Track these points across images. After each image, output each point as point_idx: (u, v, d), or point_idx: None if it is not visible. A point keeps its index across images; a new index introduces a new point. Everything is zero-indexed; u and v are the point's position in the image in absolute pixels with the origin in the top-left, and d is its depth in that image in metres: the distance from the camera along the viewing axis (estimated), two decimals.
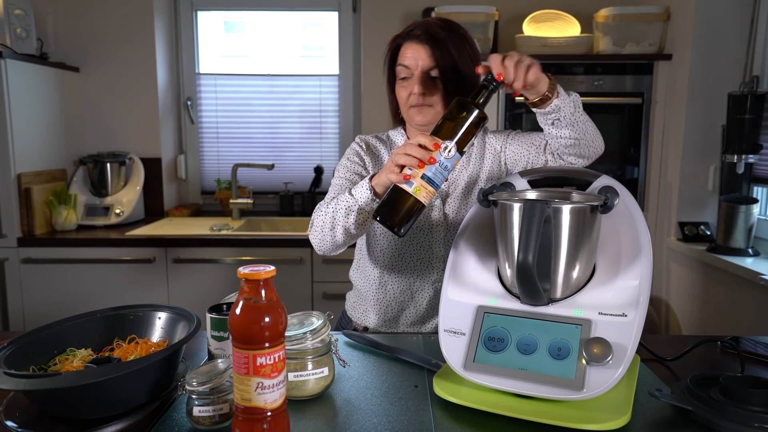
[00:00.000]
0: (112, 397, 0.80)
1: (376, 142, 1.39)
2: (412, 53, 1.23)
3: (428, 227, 1.30)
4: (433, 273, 1.31)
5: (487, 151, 1.35)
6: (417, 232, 1.30)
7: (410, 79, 1.24)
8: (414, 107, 1.25)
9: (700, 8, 2.13)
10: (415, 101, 1.24)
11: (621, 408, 0.80)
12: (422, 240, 1.30)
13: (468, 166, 1.33)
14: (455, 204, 1.30)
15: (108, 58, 2.75)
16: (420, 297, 1.32)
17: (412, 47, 1.24)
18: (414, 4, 2.72)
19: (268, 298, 0.71)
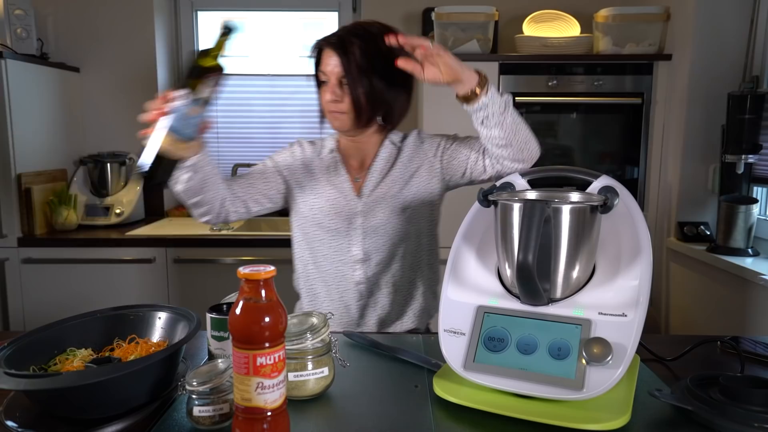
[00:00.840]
0: (113, 397, 0.80)
1: (310, 147, 1.43)
2: (326, 60, 1.26)
3: (346, 230, 1.32)
4: (355, 274, 1.33)
5: (418, 157, 1.36)
6: (335, 235, 1.32)
7: (327, 85, 1.27)
8: (330, 113, 1.29)
9: (700, 8, 2.13)
10: (330, 108, 1.28)
11: (621, 408, 0.80)
12: (341, 243, 1.32)
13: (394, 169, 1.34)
14: (373, 206, 1.32)
15: (108, 58, 2.75)
16: (348, 298, 1.34)
17: (327, 53, 1.26)
18: (414, 4, 2.73)
19: (268, 298, 0.71)
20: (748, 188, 2.02)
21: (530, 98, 2.34)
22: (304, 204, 1.37)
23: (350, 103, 1.26)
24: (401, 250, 1.34)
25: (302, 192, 1.38)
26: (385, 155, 1.36)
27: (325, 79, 1.27)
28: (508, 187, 1.00)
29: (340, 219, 1.32)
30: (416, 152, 1.37)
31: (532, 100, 2.34)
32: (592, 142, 2.40)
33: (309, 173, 1.39)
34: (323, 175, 1.37)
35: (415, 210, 1.34)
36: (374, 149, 1.38)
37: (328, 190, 1.35)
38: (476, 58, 2.34)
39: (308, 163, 1.40)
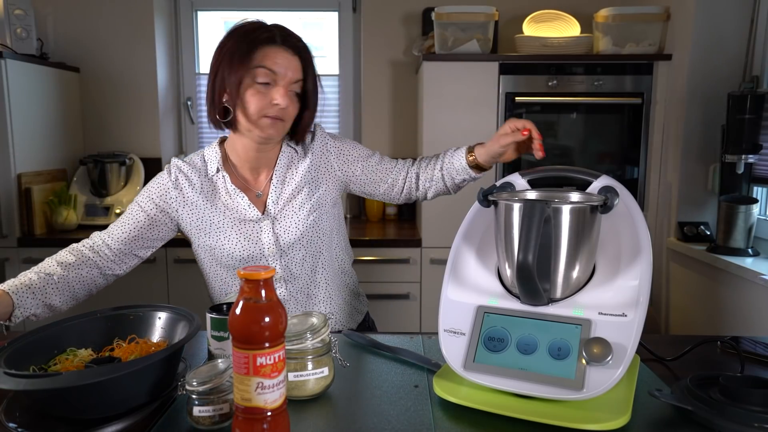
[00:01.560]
0: (113, 397, 0.80)
1: (191, 171, 1.27)
2: (283, 61, 1.14)
3: (260, 253, 1.25)
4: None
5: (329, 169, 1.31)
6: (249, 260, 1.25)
7: (272, 86, 1.15)
8: (269, 118, 1.16)
9: (700, 8, 2.13)
10: (275, 113, 1.15)
11: (621, 408, 0.80)
12: (256, 262, 1.25)
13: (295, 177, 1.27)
14: (283, 219, 1.25)
15: (108, 58, 2.75)
16: None
17: (283, 55, 1.15)
18: (414, 4, 2.73)
19: (268, 298, 0.71)
20: (748, 188, 2.02)
21: (530, 98, 2.34)
22: (207, 238, 1.25)
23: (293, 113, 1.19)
24: (322, 257, 1.30)
25: (201, 228, 1.25)
26: (285, 161, 1.28)
27: (270, 80, 1.14)
28: (508, 187, 1.00)
29: (251, 244, 1.24)
30: (323, 163, 1.31)
31: (532, 100, 2.34)
32: (592, 142, 2.40)
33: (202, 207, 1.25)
34: (219, 201, 1.25)
35: (324, 212, 1.30)
36: (275, 157, 1.28)
37: (230, 216, 1.24)
38: (476, 58, 2.34)
39: (197, 191, 1.25)
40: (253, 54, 1.13)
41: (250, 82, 1.14)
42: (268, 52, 1.14)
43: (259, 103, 1.15)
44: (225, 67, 1.15)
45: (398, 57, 2.78)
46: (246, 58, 1.13)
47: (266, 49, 1.14)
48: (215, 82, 1.18)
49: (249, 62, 1.13)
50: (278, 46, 1.15)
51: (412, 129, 2.78)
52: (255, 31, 1.16)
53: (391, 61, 2.78)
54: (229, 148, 1.29)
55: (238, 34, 1.17)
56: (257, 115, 1.16)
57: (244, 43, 1.14)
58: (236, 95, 1.15)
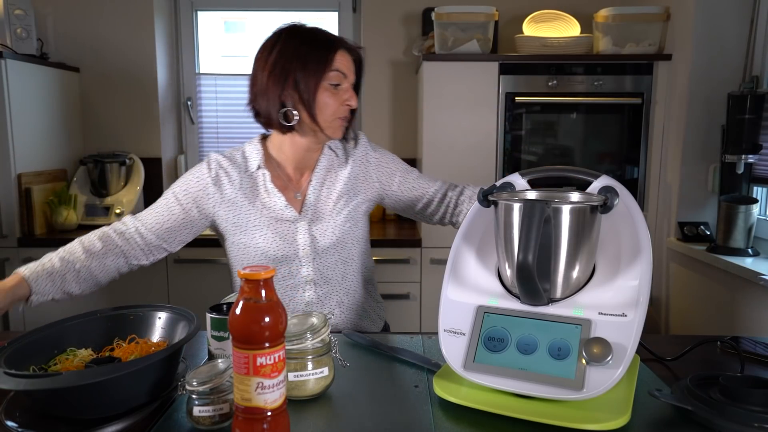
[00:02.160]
0: (113, 397, 0.80)
1: (229, 165, 1.26)
2: (348, 63, 1.19)
3: (294, 253, 1.25)
4: (305, 295, 1.27)
5: (368, 180, 1.32)
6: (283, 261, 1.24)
7: (342, 87, 1.19)
8: (341, 120, 1.21)
9: (700, 8, 2.13)
10: (345, 113, 1.20)
11: (621, 408, 0.80)
12: (290, 266, 1.25)
13: (336, 184, 1.29)
14: (321, 226, 1.26)
15: (108, 58, 2.75)
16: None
17: (347, 58, 1.20)
18: (414, 4, 2.73)
19: (268, 298, 0.71)
20: (748, 188, 2.02)
21: (530, 98, 2.34)
22: (243, 236, 1.25)
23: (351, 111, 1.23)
24: (353, 264, 1.30)
25: (238, 226, 1.25)
26: (325, 164, 1.30)
27: (340, 81, 1.18)
28: (508, 187, 1.00)
29: (286, 244, 1.24)
30: (362, 173, 1.32)
31: (532, 100, 2.34)
32: (592, 142, 2.40)
33: (240, 204, 1.25)
34: (257, 199, 1.25)
35: (358, 221, 1.31)
36: (315, 160, 1.30)
37: (267, 215, 1.24)
38: (476, 58, 2.34)
39: (236, 188, 1.25)
40: (328, 57, 1.16)
41: (324, 85, 1.17)
42: (339, 56, 1.18)
43: (334, 104, 1.18)
44: (297, 70, 1.16)
45: (398, 57, 2.78)
46: (323, 62, 1.16)
47: (338, 52, 1.18)
48: (284, 84, 1.17)
49: (326, 66, 1.16)
50: (344, 49, 1.20)
51: (412, 129, 2.78)
52: (321, 34, 1.19)
53: (391, 61, 2.78)
54: (272, 147, 1.29)
55: (303, 37, 1.18)
56: (331, 117, 1.19)
57: (319, 46, 1.17)
58: (311, 97, 1.16)
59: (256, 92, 1.21)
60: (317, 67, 1.16)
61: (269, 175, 1.26)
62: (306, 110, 1.18)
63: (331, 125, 1.20)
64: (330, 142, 1.30)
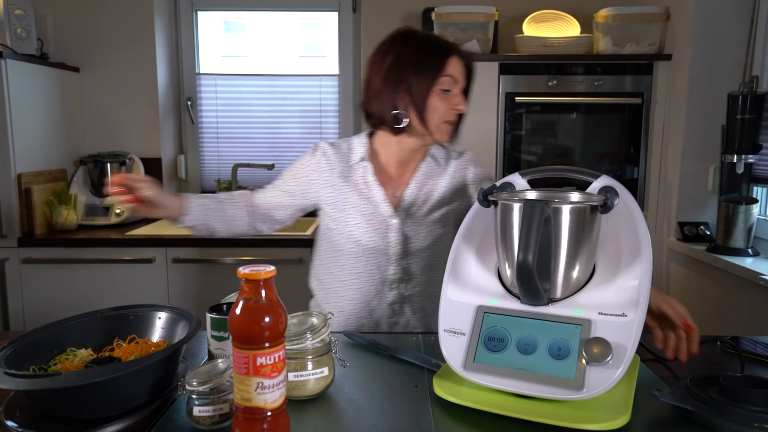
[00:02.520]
0: (113, 397, 0.80)
1: (333, 153, 1.32)
2: (460, 68, 1.22)
3: (385, 248, 1.27)
4: (390, 294, 1.29)
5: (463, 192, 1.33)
6: (374, 252, 1.27)
7: (452, 93, 1.21)
8: (448, 123, 1.23)
9: (699, 8, 2.13)
10: (453, 117, 1.22)
11: (621, 408, 0.80)
12: (379, 260, 1.27)
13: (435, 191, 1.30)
14: (414, 228, 1.27)
15: (108, 58, 2.75)
16: (378, 315, 1.30)
17: (460, 62, 1.22)
18: (414, 4, 2.73)
19: (268, 298, 0.71)
20: (748, 188, 2.02)
21: (530, 98, 2.34)
22: (338, 220, 1.29)
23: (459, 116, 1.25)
24: (438, 271, 1.31)
25: (335, 209, 1.30)
26: (424, 170, 1.32)
27: (450, 86, 1.21)
28: (508, 187, 1.00)
29: (379, 237, 1.27)
30: (459, 183, 1.33)
31: (532, 100, 2.34)
32: (592, 142, 2.40)
33: (338, 186, 1.30)
34: (356, 188, 1.29)
35: (448, 230, 1.32)
36: (417, 163, 1.32)
37: (363, 204, 1.28)
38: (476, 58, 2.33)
39: (336, 174, 1.30)
40: (443, 63, 1.20)
41: (435, 89, 1.20)
42: (452, 62, 1.21)
43: (444, 108, 1.21)
44: (411, 74, 1.20)
45: None
46: (438, 67, 1.19)
47: (451, 58, 1.21)
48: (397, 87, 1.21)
49: (440, 71, 1.19)
50: (457, 55, 1.22)
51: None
52: (436, 40, 1.23)
53: None
54: (379, 144, 1.32)
55: (419, 43, 1.22)
56: (440, 120, 1.22)
57: (433, 52, 1.20)
58: (422, 101, 1.20)
59: (371, 95, 1.26)
60: (430, 73, 1.19)
61: (371, 168, 1.29)
62: (417, 113, 1.22)
63: (439, 128, 1.23)
64: (433, 149, 1.34)
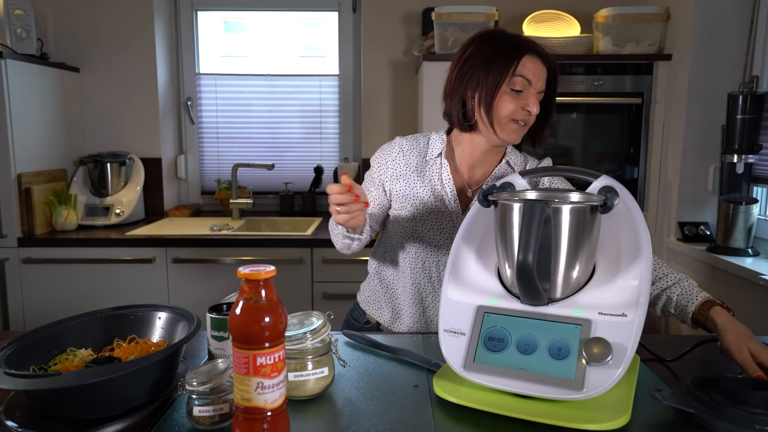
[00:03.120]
0: (113, 397, 0.80)
1: (410, 147, 1.32)
2: (535, 69, 1.19)
3: (447, 246, 1.28)
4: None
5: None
6: (440, 250, 1.28)
7: (524, 93, 1.18)
8: (516, 123, 1.20)
9: (699, 8, 2.13)
10: (524, 117, 1.19)
11: (621, 408, 0.80)
12: (439, 258, 1.29)
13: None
14: None
15: (108, 58, 2.75)
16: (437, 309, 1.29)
17: (537, 64, 1.19)
18: (414, 4, 2.73)
19: (268, 298, 0.71)
20: (748, 188, 2.02)
21: None
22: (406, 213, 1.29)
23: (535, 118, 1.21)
24: None
25: (404, 201, 1.30)
26: (498, 174, 1.31)
27: (523, 87, 1.18)
28: (508, 187, 1.00)
29: (443, 236, 1.28)
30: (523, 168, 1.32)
31: None
32: (592, 142, 2.40)
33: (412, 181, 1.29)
34: (429, 184, 1.29)
35: None
36: (493, 166, 1.31)
37: (433, 201, 1.28)
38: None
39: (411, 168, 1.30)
40: (513, 62, 1.17)
41: (505, 89, 1.18)
42: (527, 61, 1.18)
43: (511, 107, 1.18)
44: (481, 72, 1.19)
45: (398, 57, 2.78)
46: (507, 66, 1.17)
47: (525, 58, 1.18)
48: (467, 84, 1.21)
49: (509, 70, 1.17)
50: (534, 55, 1.19)
51: (412, 129, 2.78)
52: (513, 40, 1.20)
53: (391, 61, 2.78)
54: (454, 142, 1.32)
55: (493, 41, 1.20)
56: (507, 118, 1.19)
57: (505, 50, 1.18)
58: (489, 99, 1.18)
59: (446, 92, 1.26)
60: (500, 71, 1.17)
61: (448, 166, 1.29)
62: (483, 110, 1.20)
63: (505, 127, 1.20)
64: (511, 155, 1.32)
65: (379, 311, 1.38)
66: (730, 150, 1.99)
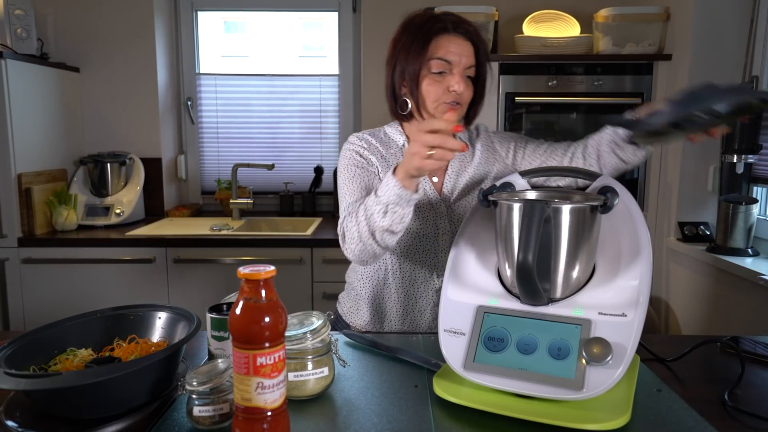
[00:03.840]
0: (113, 396, 0.80)
1: (374, 140, 1.31)
2: (456, 48, 1.16)
3: (434, 235, 1.26)
4: (437, 281, 1.28)
5: (491, 158, 1.31)
6: (423, 239, 1.26)
7: (447, 74, 1.17)
8: (448, 104, 1.17)
9: (699, 8, 2.13)
10: (453, 98, 1.17)
11: (621, 408, 0.80)
12: (428, 247, 1.27)
13: (469, 168, 1.29)
14: (456, 207, 1.27)
15: (108, 58, 2.75)
16: (423, 303, 1.29)
17: (456, 41, 1.16)
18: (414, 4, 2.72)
19: (268, 298, 0.71)
20: (748, 188, 2.02)
21: (530, 98, 2.34)
22: None
23: (469, 97, 1.19)
24: None
25: None
26: (457, 154, 1.28)
27: (445, 68, 1.16)
28: (508, 187, 1.00)
29: (427, 224, 1.26)
30: (489, 153, 1.31)
31: (532, 100, 2.34)
32: None
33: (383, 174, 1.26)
34: None
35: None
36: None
37: None
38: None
39: (381, 160, 1.27)
40: (427, 46, 1.16)
41: (426, 73, 1.17)
42: (441, 42, 1.16)
43: (436, 92, 1.17)
44: (401, 60, 1.20)
45: None
46: (421, 51, 1.16)
47: (439, 39, 1.16)
48: (394, 76, 1.22)
49: (424, 54, 1.16)
50: (451, 33, 1.16)
51: None
52: (427, 23, 1.18)
53: None
54: (408, 132, 1.31)
55: (410, 26, 1.20)
56: (435, 103, 1.18)
57: (418, 35, 1.17)
58: (414, 87, 1.19)
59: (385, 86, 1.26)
60: (416, 57, 1.17)
61: None
62: (413, 99, 1.21)
63: (437, 111, 1.19)
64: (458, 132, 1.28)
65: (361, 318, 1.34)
66: (730, 150, 1.99)
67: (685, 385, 0.94)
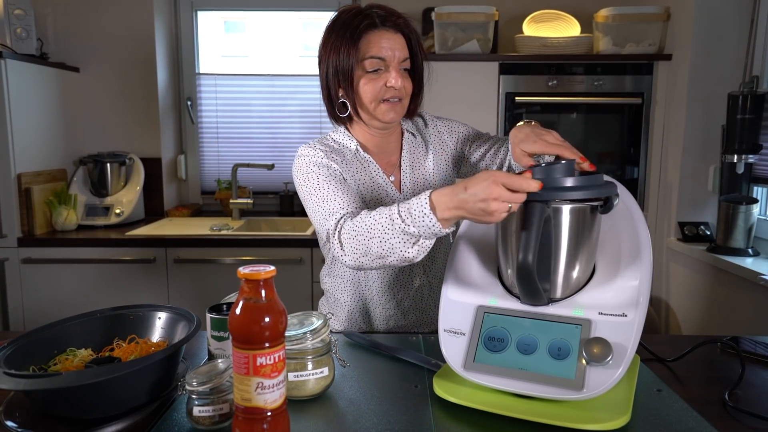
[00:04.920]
0: (113, 397, 0.80)
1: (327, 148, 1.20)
2: (388, 43, 1.11)
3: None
4: (415, 279, 1.26)
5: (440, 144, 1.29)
6: None
7: (383, 71, 1.12)
8: (387, 102, 1.13)
9: (700, 8, 2.13)
10: (393, 94, 1.13)
11: (621, 408, 0.80)
12: None
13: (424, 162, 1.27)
14: None
15: (108, 58, 2.75)
16: (406, 305, 1.28)
17: (387, 36, 1.11)
18: (414, 4, 2.72)
19: (268, 298, 0.71)
20: (748, 188, 2.02)
21: (530, 98, 2.34)
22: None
23: (410, 89, 1.16)
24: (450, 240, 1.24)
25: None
26: (408, 147, 1.27)
27: (379, 66, 1.11)
28: None
29: None
30: (438, 140, 1.29)
31: (532, 100, 2.34)
32: (592, 142, 2.40)
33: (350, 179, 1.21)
34: (361, 178, 1.22)
35: None
36: (398, 143, 1.26)
37: (374, 192, 1.21)
38: (476, 58, 2.34)
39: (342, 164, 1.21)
40: (357, 45, 1.11)
41: (361, 73, 1.13)
42: (372, 39, 1.11)
43: (373, 90, 1.13)
44: (333, 62, 1.14)
45: None
46: (351, 51, 1.11)
47: (369, 36, 1.11)
48: (327, 78, 1.16)
49: (355, 54, 1.11)
50: (380, 29, 1.12)
51: None
52: (354, 20, 1.12)
53: None
54: (355, 134, 1.25)
55: (337, 25, 1.14)
56: (373, 102, 1.14)
57: (346, 34, 1.12)
58: (350, 87, 1.14)
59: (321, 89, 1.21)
60: (348, 58, 1.12)
61: (369, 158, 1.22)
62: (349, 100, 1.16)
63: (378, 110, 1.15)
64: (404, 124, 1.27)
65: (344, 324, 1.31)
66: (730, 150, 1.99)
67: (685, 385, 0.94)
